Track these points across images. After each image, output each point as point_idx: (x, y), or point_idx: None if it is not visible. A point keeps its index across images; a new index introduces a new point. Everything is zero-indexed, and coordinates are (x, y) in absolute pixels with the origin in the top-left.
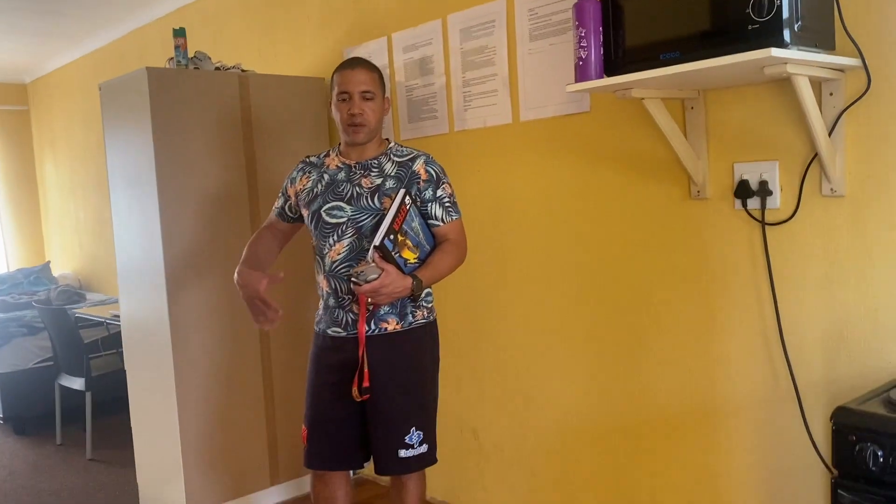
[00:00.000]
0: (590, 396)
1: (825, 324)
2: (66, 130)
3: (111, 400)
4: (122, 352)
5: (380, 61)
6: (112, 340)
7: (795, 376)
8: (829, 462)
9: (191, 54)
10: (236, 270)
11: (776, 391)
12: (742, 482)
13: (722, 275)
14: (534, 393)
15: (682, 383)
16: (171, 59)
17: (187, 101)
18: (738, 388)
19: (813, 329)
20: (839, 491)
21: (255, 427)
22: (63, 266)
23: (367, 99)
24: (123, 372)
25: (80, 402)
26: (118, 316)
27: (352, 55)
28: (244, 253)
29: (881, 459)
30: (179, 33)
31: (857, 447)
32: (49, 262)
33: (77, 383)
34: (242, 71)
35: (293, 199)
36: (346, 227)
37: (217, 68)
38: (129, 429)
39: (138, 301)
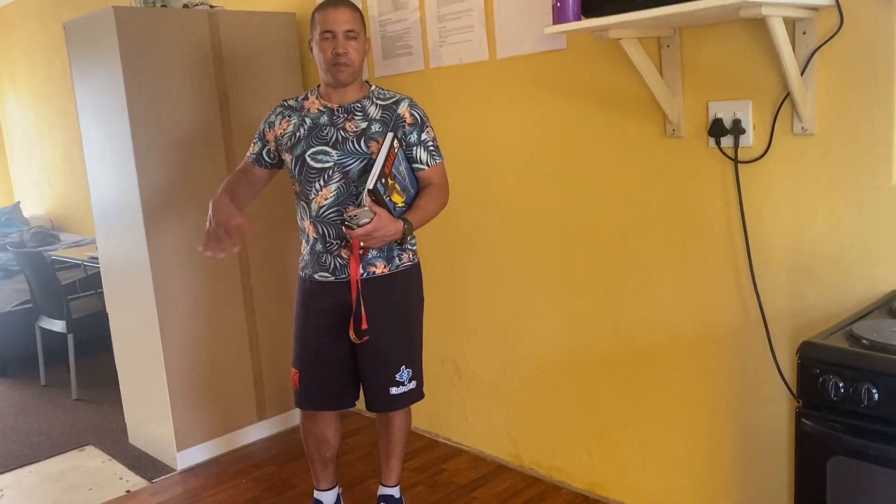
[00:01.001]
0: (568, 329)
1: (794, 258)
2: (26, 67)
3: (94, 340)
4: (101, 292)
5: None
6: (90, 281)
7: (764, 308)
8: (794, 391)
9: None
10: (214, 198)
11: (746, 323)
12: (713, 409)
13: (696, 211)
14: (513, 326)
15: (656, 315)
16: None
17: (156, 40)
18: (711, 320)
19: (782, 263)
20: (802, 419)
21: (241, 363)
22: (34, 206)
23: (351, 38)
24: (104, 313)
25: (62, 343)
26: (95, 258)
27: None
28: (223, 186)
29: (842, 390)
30: None
31: (821, 379)
32: (19, 202)
33: (58, 325)
34: (211, 7)
35: (272, 143)
36: (333, 172)
37: (185, 5)
38: (114, 368)
39: (117, 242)
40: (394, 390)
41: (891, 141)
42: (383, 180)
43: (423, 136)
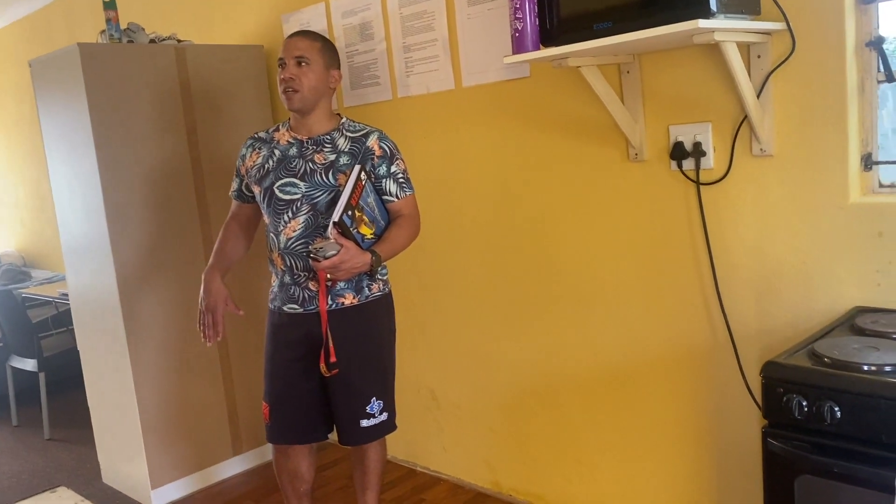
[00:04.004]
0: (543, 355)
1: (758, 278)
2: None
3: (66, 378)
4: (73, 329)
5: (318, 26)
6: (62, 318)
7: (732, 328)
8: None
9: (123, 26)
10: (206, 269)
11: (715, 343)
12: (688, 430)
13: (661, 233)
14: (489, 353)
15: (628, 338)
16: (104, 31)
17: (123, 76)
18: (681, 342)
19: (747, 283)
20: (769, 439)
21: (214, 397)
22: (5, 244)
23: (301, 64)
24: (76, 350)
25: (34, 382)
26: (66, 294)
27: (289, 21)
28: (215, 247)
29: (805, 409)
30: (110, 6)
31: (785, 398)
32: None
33: (29, 364)
34: (178, 42)
35: (246, 177)
36: (301, 204)
37: (152, 40)
38: (87, 407)
39: (86, 278)
40: (365, 423)
41: (846, 159)
42: (350, 212)
43: (393, 168)
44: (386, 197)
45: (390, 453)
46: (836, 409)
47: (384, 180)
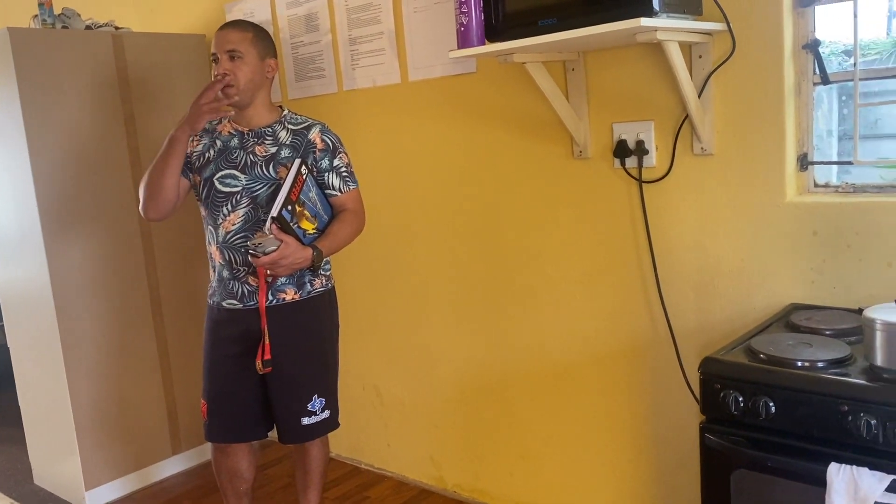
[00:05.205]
0: (488, 350)
1: (698, 275)
2: None
3: None
4: (2, 325)
5: (262, 17)
6: None
7: (672, 324)
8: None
9: (57, 11)
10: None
11: (656, 338)
12: (629, 424)
13: (605, 230)
14: (433, 348)
15: (572, 333)
16: (36, 16)
17: (56, 63)
18: (623, 336)
19: (687, 279)
20: (706, 434)
21: (153, 395)
22: None
23: (234, 58)
24: (6, 347)
25: None
26: None
27: (233, 11)
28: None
29: (742, 404)
30: None
31: (722, 393)
32: None
33: None
34: (116, 29)
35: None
36: (241, 197)
37: (88, 27)
38: (17, 405)
39: (16, 271)
40: (306, 420)
41: (783, 159)
42: (290, 207)
43: (336, 162)
44: (329, 191)
45: (333, 451)
46: (771, 404)
47: (327, 174)
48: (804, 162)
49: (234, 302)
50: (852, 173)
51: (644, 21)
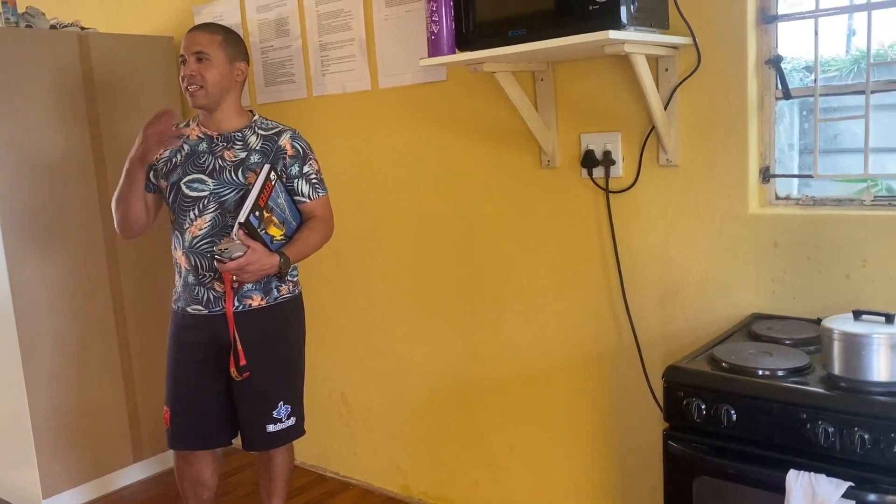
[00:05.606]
0: (455, 358)
1: (662, 283)
2: None
3: None
4: None
5: (232, 20)
6: None
7: (637, 333)
8: None
9: (21, 10)
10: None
11: (622, 347)
12: (594, 432)
13: (572, 239)
14: (402, 356)
15: (539, 342)
16: None
17: (19, 62)
18: (589, 345)
19: (653, 288)
20: (669, 441)
21: (114, 401)
22: None
23: (203, 60)
24: None
25: None
26: None
27: (201, 14)
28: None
29: (704, 412)
30: None
31: (685, 401)
32: None
33: None
34: (82, 29)
35: (153, 170)
36: (209, 202)
37: (53, 26)
38: None
39: None
40: (271, 427)
41: (746, 172)
42: (258, 213)
43: (306, 169)
44: (298, 197)
45: (299, 458)
46: (733, 412)
47: (296, 180)
48: (766, 175)
49: (200, 307)
50: (813, 186)
51: (612, 34)
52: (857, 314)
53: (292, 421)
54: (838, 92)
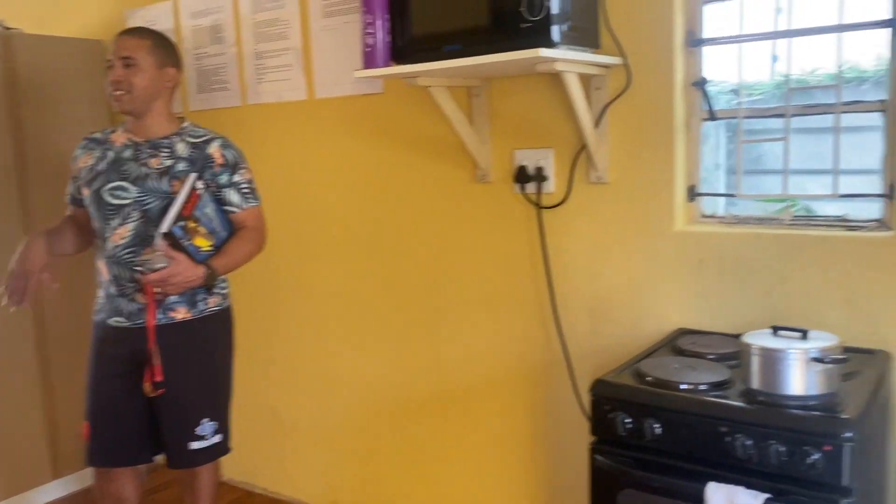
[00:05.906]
0: (388, 372)
1: (592, 299)
2: None
3: None
4: None
5: (165, 25)
6: None
7: (567, 347)
8: None
9: None
10: (28, 238)
11: (552, 361)
12: (526, 446)
13: (504, 253)
14: (334, 371)
15: (471, 356)
16: None
17: None
18: (520, 359)
19: (582, 303)
20: (595, 454)
21: (32, 416)
22: None
23: (128, 65)
24: None
25: None
26: None
27: (133, 17)
28: (54, 225)
29: (629, 425)
30: None
31: (611, 415)
32: None
33: None
34: (7, 29)
35: (79, 179)
36: (132, 210)
37: None
38: None
39: None
40: (194, 445)
41: (672, 190)
42: (182, 223)
43: (236, 178)
44: (228, 207)
45: (227, 474)
46: (657, 425)
47: (225, 190)
48: (692, 193)
49: (122, 320)
50: (738, 205)
51: (543, 52)
52: (776, 329)
53: (217, 438)
54: (761, 115)
